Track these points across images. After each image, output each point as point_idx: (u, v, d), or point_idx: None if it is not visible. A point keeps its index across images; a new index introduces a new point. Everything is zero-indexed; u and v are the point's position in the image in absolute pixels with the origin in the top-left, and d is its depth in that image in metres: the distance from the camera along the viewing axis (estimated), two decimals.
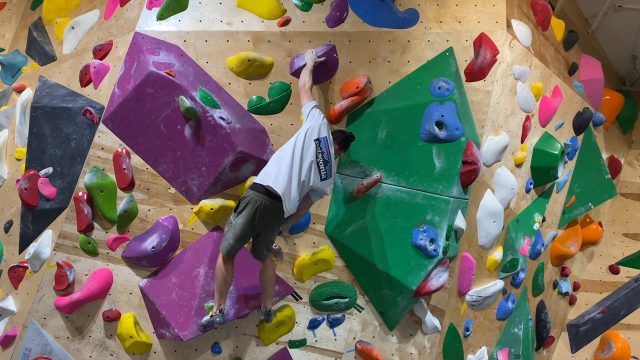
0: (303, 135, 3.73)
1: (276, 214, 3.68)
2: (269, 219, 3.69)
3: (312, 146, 3.72)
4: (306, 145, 3.70)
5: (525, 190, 5.00)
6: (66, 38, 4.84)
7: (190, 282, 4.13)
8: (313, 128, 3.77)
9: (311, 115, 3.85)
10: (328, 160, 3.80)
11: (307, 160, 3.69)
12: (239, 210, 3.67)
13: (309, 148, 3.71)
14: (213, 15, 4.25)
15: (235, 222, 3.68)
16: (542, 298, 5.81)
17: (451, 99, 4.10)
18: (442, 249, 4.11)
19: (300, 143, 3.70)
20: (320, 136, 3.78)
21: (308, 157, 3.70)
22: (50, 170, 4.37)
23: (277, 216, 3.70)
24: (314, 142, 3.74)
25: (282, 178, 3.61)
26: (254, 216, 3.63)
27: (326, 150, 3.78)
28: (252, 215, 3.62)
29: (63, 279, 4.18)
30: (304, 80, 3.98)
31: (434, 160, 4.15)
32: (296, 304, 4.41)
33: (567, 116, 5.31)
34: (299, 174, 3.66)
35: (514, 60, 4.43)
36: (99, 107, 4.24)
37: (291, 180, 3.63)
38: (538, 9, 4.84)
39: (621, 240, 6.29)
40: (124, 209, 4.19)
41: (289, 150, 3.69)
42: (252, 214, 3.62)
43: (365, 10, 4.29)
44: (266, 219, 3.68)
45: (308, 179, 3.72)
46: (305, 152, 3.69)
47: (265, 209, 3.63)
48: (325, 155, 3.77)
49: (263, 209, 3.63)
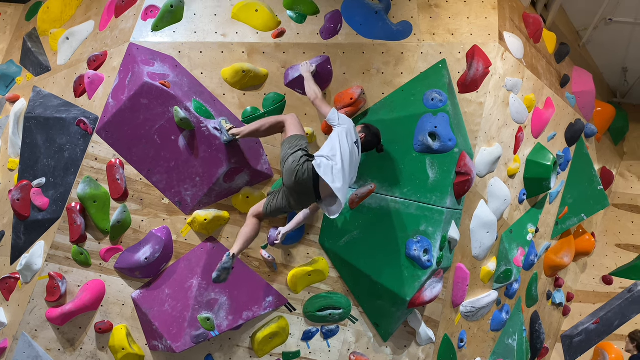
0: (345, 137, 3.65)
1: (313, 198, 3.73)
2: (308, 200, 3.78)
3: (354, 149, 3.71)
4: (352, 148, 3.67)
5: (519, 201, 5.03)
6: (61, 49, 4.84)
7: (184, 293, 4.11)
8: (349, 130, 3.71)
9: (342, 118, 3.77)
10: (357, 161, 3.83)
11: (353, 164, 3.70)
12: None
13: (353, 151, 3.69)
14: (208, 27, 4.27)
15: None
16: (536, 309, 5.81)
17: (444, 111, 4.13)
18: (436, 260, 4.11)
19: (346, 145, 3.63)
20: (356, 138, 3.77)
21: (353, 160, 3.69)
22: (43, 180, 4.35)
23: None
24: (354, 144, 3.73)
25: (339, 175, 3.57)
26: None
27: (359, 153, 3.80)
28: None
29: (55, 290, 4.15)
30: (313, 92, 3.94)
31: (428, 171, 4.16)
32: (290, 315, 4.39)
33: (559, 127, 5.35)
34: (348, 173, 3.65)
35: (507, 72, 4.48)
36: (93, 118, 4.24)
37: (345, 179, 3.61)
38: (530, 22, 4.90)
39: (614, 251, 6.32)
40: (117, 220, 4.17)
41: (339, 151, 3.59)
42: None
43: (359, 22, 4.33)
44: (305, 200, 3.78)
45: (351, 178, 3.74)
46: (350, 155, 3.65)
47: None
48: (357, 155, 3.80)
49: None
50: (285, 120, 3.85)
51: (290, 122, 3.82)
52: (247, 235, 3.85)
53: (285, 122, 3.83)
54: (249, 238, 3.86)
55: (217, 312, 4.13)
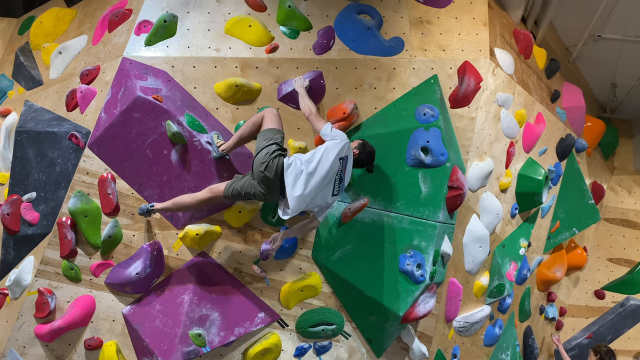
0: (330, 152, 3.66)
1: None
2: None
3: (336, 165, 3.70)
4: (333, 164, 3.66)
5: (511, 216, 5.04)
6: (53, 63, 4.84)
7: (175, 309, 4.07)
8: (340, 146, 3.70)
9: (335, 133, 3.76)
10: (343, 178, 3.80)
11: (327, 178, 3.69)
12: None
13: (334, 166, 3.68)
14: (201, 42, 4.29)
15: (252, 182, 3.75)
16: (529, 323, 5.80)
17: (436, 125, 4.15)
18: (429, 275, 4.10)
19: (328, 159, 3.64)
20: (345, 154, 3.76)
21: (329, 175, 3.68)
22: (33, 195, 4.32)
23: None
24: (339, 160, 3.72)
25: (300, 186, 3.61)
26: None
27: (344, 169, 3.78)
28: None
29: (44, 306, 4.10)
30: (307, 108, 3.96)
31: (420, 185, 4.17)
32: (282, 331, 4.36)
33: (550, 142, 5.40)
34: (316, 186, 3.65)
35: (498, 88, 4.52)
36: (85, 132, 4.22)
37: (308, 192, 3.63)
38: (520, 38, 4.96)
39: (606, 265, 6.34)
40: (108, 235, 4.14)
41: (316, 161, 3.64)
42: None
43: (352, 38, 4.37)
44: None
45: (319, 195, 3.72)
46: (329, 170, 3.66)
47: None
48: (342, 173, 3.77)
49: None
50: (263, 114, 3.89)
51: (267, 116, 3.87)
52: (184, 200, 3.90)
53: (263, 117, 3.88)
54: (184, 204, 3.91)
55: (209, 328, 4.09)
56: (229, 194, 3.80)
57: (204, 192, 3.89)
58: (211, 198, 3.88)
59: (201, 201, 3.89)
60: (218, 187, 3.87)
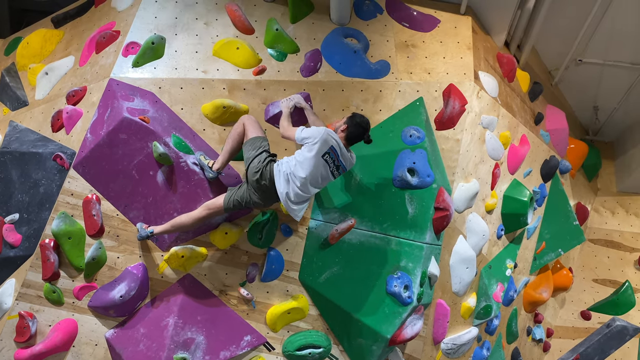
0: (310, 151, 3.68)
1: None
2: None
3: (320, 164, 3.71)
4: (316, 165, 3.68)
5: (497, 237, 5.07)
6: (39, 83, 4.82)
7: (159, 332, 4.00)
8: (322, 143, 3.68)
9: (307, 134, 3.74)
10: (340, 164, 3.81)
11: (319, 177, 3.75)
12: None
13: (319, 166, 3.71)
14: (189, 64, 4.31)
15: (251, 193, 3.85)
16: (516, 345, 5.79)
17: (422, 147, 4.19)
18: (416, 296, 4.09)
19: (309, 166, 3.68)
20: (327, 148, 3.72)
21: (319, 173, 3.74)
22: (16, 216, 4.26)
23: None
24: (322, 158, 3.72)
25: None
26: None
27: (337, 158, 3.78)
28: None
29: (25, 330, 4.01)
30: (282, 127, 3.99)
31: (407, 206, 4.19)
32: (268, 354, 4.30)
33: (534, 164, 5.46)
34: (310, 186, 3.76)
35: (482, 110, 4.58)
36: (70, 153, 4.19)
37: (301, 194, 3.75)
38: (504, 62, 5.05)
39: (591, 286, 6.38)
40: (92, 257, 4.08)
41: (299, 172, 3.69)
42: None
43: (339, 61, 4.42)
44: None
45: (315, 187, 3.81)
46: (316, 172, 3.70)
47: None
48: (336, 161, 3.78)
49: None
50: (243, 122, 3.97)
51: (248, 124, 3.96)
52: (182, 221, 3.92)
53: (244, 125, 3.96)
54: (182, 225, 3.92)
55: (194, 351, 4.03)
56: (230, 205, 3.86)
57: (199, 210, 3.91)
58: (209, 215, 3.91)
59: (199, 219, 3.91)
60: (214, 202, 3.90)
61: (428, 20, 4.67)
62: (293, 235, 4.31)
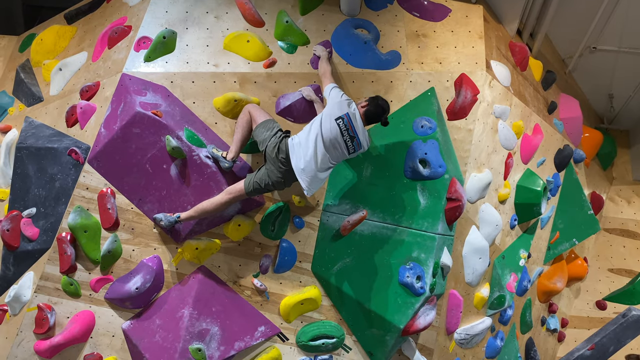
0: (319, 121, 3.76)
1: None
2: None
3: (334, 127, 3.73)
4: (324, 127, 3.72)
5: (510, 227, 5.04)
6: (53, 79, 4.88)
7: (175, 323, 4.05)
8: (333, 109, 3.76)
9: (332, 94, 3.86)
10: (354, 135, 3.78)
11: (329, 143, 3.75)
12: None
13: (331, 130, 3.72)
14: (200, 57, 4.33)
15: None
16: (530, 335, 5.77)
17: (434, 137, 4.18)
18: (429, 287, 4.09)
19: (316, 130, 3.74)
20: (342, 114, 3.75)
21: (330, 139, 3.74)
22: (33, 210, 4.33)
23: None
24: (335, 122, 3.74)
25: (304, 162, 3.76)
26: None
27: (350, 127, 3.76)
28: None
29: (44, 322, 4.09)
30: (322, 69, 4.10)
31: (419, 197, 4.18)
32: (282, 345, 4.34)
33: (548, 153, 5.42)
34: (321, 154, 3.77)
35: (494, 100, 4.55)
36: (85, 147, 4.25)
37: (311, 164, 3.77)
38: (516, 51, 5.00)
39: (607, 276, 6.32)
40: (107, 249, 4.14)
41: (310, 134, 3.75)
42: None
43: (349, 52, 4.41)
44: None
45: (329, 158, 3.81)
46: (325, 135, 3.73)
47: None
48: (350, 131, 3.76)
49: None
50: (249, 112, 4.04)
51: (254, 111, 4.04)
52: (204, 207, 3.96)
53: (250, 112, 4.04)
54: (205, 210, 3.97)
55: (209, 342, 4.07)
56: (251, 189, 3.90)
57: (221, 195, 3.97)
58: (231, 199, 3.96)
59: (222, 204, 3.96)
60: (235, 187, 3.96)
61: (439, 9, 4.64)
62: (305, 226, 4.33)
